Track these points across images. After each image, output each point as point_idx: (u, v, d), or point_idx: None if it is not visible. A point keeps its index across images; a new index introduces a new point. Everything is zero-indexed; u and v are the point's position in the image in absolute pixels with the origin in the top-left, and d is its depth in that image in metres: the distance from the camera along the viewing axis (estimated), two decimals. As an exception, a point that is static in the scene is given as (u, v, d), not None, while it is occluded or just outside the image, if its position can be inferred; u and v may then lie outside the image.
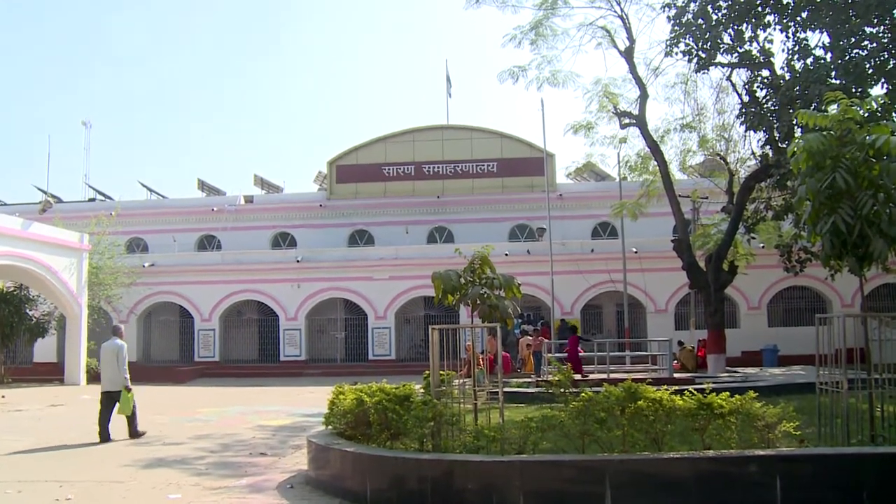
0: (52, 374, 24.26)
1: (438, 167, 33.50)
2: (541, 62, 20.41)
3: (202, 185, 37.77)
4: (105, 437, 10.86)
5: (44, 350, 26.32)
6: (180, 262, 29.06)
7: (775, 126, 16.03)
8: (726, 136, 21.42)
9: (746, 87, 17.74)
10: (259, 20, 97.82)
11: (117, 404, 11.03)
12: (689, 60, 17.17)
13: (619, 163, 23.39)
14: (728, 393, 6.59)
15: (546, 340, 19.67)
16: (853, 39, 14.79)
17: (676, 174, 23.31)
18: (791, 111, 14.36)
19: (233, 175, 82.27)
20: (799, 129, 14.39)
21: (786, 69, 16.25)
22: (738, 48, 16.71)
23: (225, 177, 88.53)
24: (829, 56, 15.32)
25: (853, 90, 13.45)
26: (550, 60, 20.43)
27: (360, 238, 33.23)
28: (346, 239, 33.04)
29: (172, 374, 25.47)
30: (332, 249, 29.95)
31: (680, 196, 20.86)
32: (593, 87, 20.98)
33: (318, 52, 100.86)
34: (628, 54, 19.71)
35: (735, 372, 18.59)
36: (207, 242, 33.85)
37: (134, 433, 11.23)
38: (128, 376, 11.16)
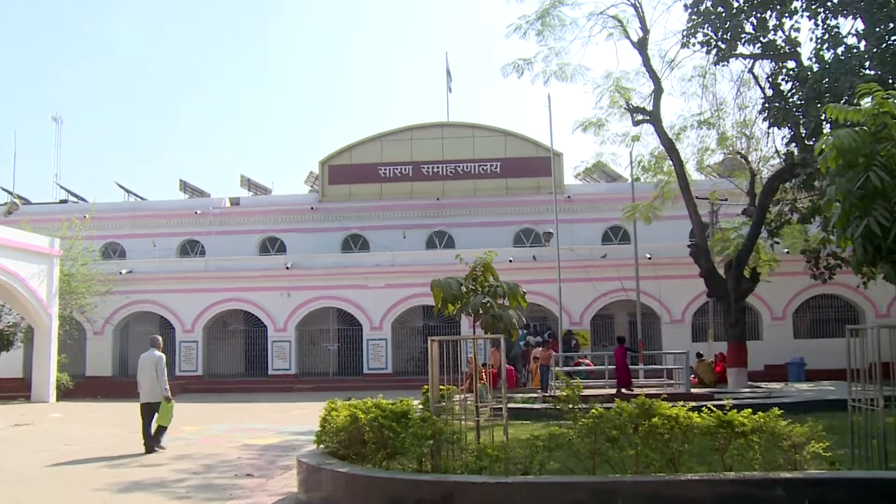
0: (18, 390, 24.02)
1: (438, 167, 33.53)
2: (548, 54, 20.42)
3: (184, 187, 37.82)
4: (150, 447, 11.70)
5: (9, 364, 26.07)
6: (160, 269, 29.04)
7: (801, 122, 15.93)
8: (748, 133, 21.39)
9: (770, 79, 17.67)
10: (245, 10, 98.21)
11: (156, 414, 11.88)
12: (708, 52, 17.11)
13: (631, 162, 23.40)
14: (750, 410, 6.53)
15: (554, 353, 19.62)
16: (891, 25, 14.46)
17: (693, 174, 23.28)
18: (819, 105, 14.27)
19: (217, 176, 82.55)
20: (828, 125, 14.34)
21: (814, 59, 16.14)
22: (762, 37, 16.62)
23: (209, 177, 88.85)
24: (862, 44, 15.12)
25: (889, 81, 13.23)
26: (558, 53, 20.43)
27: (355, 243, 33.22)
28: (340, 244, 33.04)
29: (152, 389, 25.35)
30: (324, 255, 29.96)
31: (697, 198, 20.84)
32: (604, 81, 20.98)
33: (309, 44, 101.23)
34: (641, 46, 19.71)
35: (758, 387, 18.53)
36: (190, 248, 33.85)
37: (153, 444, 11.82)
38: (167, 387, 12.05)
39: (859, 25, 15.69)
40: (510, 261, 26.56)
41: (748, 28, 16.70)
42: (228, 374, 28.74)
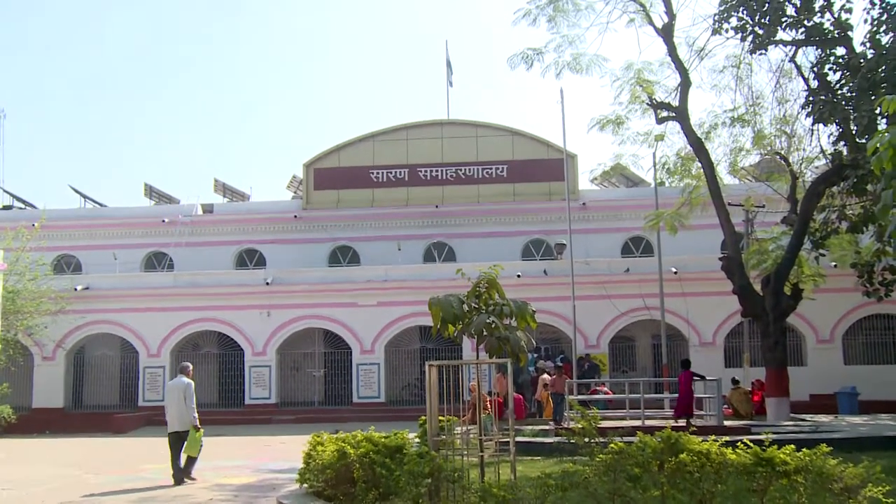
0: (-48, 424, 23.82)
1: (437, 171, 33.60)
2: (560, 43, 20.49)
3: (150, 192, 37.80)
4: (179, 479, 12.46)
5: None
6: (122, 285, 29.03)
7: (852, 117, 15.87)
8: (788, 130, 21.41)
9: (815, 69, 17.62)
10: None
11: (185, 443, 12.68)
12: (743, 38, 17.13)
13: (654, 165, 23.43)
14: (793, 446, 6.48)
15: (568, 380, 19.57)
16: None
17: (725, 178, 23.33)
18: (873, 98, 14.23)
19: (188, 180, 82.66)
20: (883, 120, 14.30)
21: (868, 45, 16.10)
22: (806, 21, 16.56)
23: (178, 182, 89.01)
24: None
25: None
26: (572, 41, 20.51)
27: (343, 256, 33.23)
28: (326, 257, 33.06)
29: (110, 422, 25.28)
30: (308, 270, 29.97)
31: (730, 204, 20.85)
32: (624, 73, 21.04)
33: (290, 33, 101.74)
34: (667, 32, 19.76)
35: (802, 420, 18.45)
36: (156, 261, 33.87)
37: (183, 475, 12.57)
38: (196, 415, 12.87)
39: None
40: (518, 276, 26.58)
41: (790, 10, 16.64)
42: (199, 404, 27.88)
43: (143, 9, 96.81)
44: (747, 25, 16.71)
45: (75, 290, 28.04)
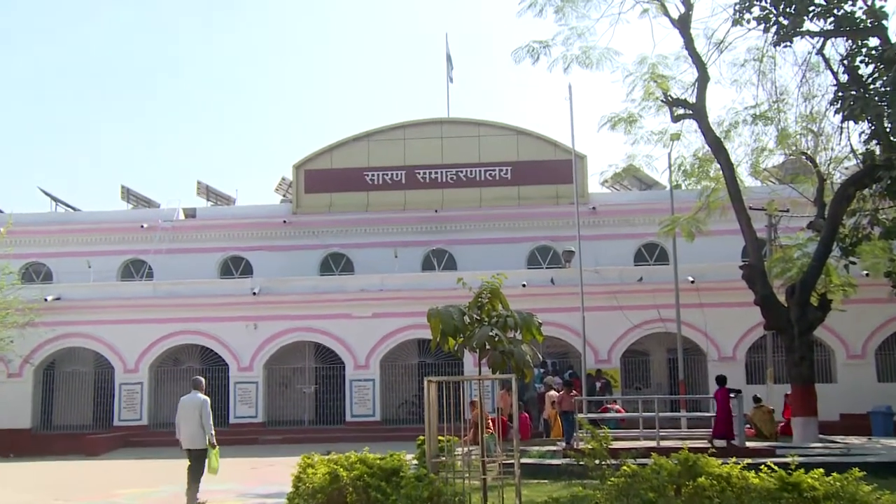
0: None
1: (436, 172, 33.63)
2: (569, 36, 20.48)
3: (127, 195, 37.79)
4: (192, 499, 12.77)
5: None
6: (96, 295, 28.92)
7: (885, 114, 15.81)
8: (815, 128, 21.38)
9: (845, 62, 17.53)
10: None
11: (197, 462, 13.04)
12: (766, 30, 17.08)
13: (670, 166, 23.42)
14: (822, 470, 6.44)
15: (578, 396, 19.55)
16: None
17: (746, 180, 23.30)
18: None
19: (168, 182, 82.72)
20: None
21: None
22: (835, 10, 16.50)
23: (158, 184, 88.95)
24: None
25: None
26: (581, 34, 20.49)
27: (336, 264, 33.23)
28: (318, 265, 33.07)
29: (82, 443, 25.15)
30: (298, 279, 29.93)
31: (751, 209, 20.80)
32: (637, 68, 21.01)
33: (280, 25, 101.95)
34: (683, 24, 19.76)
35: (832, 441, 18.37)
36: (134, 269, 33.85)
37: (196, 495, 12.88)
38: (213, 432, 13.13)
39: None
40: (523, 285, 26.59)
41: (818, -1, 16.56)
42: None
43: (117, 2, 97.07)
44: (771, 15, 16.63)
45: (45, 300, 27.93)
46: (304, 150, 47.19)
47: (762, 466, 6.62)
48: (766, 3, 16.60)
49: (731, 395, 17.62)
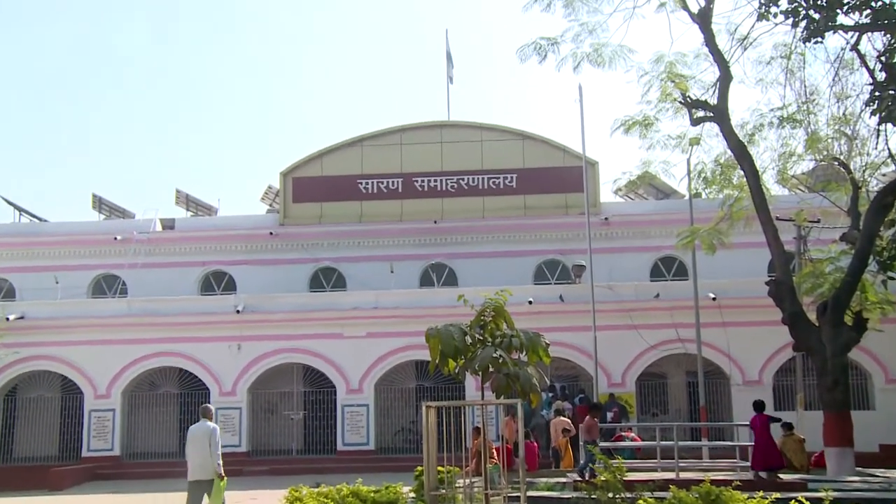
0: None
1: (436, 180, 33.69)
2: (579, 32, 20.49)
3: (99, 204, 37.80)
4: None
5: None
6: (64, 314, 28.82)
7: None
8: (849, 131, 21.38)
9: (883, 58, 17.43)
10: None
11: (205, 495, 13.25)
12: (795, 24, 17.06)
13: (689, 173, 23.43)
14: (858, 504, 6.38)
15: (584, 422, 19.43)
16: None
17: (773, 188, 23.28)
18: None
19: (144, 190, 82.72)
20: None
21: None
22: (872, 2, 16.50)
23: (133, 193, 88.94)
24: None
25: None
26: (593, 30, 20.50)
27: (327, 279, 33.25)
28: (307, 280, 33.08)
29: (47, 476, 24.90)
30: (286, 295, 29.91)
31: (778, 219, 20.77)
32: (653, 66, 21.02)
33: (265, 22, 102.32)
34: (703, 19, 19.79)
35: (870, 475, 18.25)
36: (107, 285, 33.85)
37: None
38: (221, 462, 13.41)
39: None
40: (530, 302, 26.60)
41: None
42: (156, 454, 28.42)
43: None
44: (800, 9, 16.57)
45: (7, 319, 27.83)
46: (293, 156, 47.27)
47: (792, 501, 6.57)
48: (795, -6, 16.57)
49: (772, 421, 17.53)
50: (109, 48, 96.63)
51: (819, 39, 17.34)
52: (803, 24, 16.70)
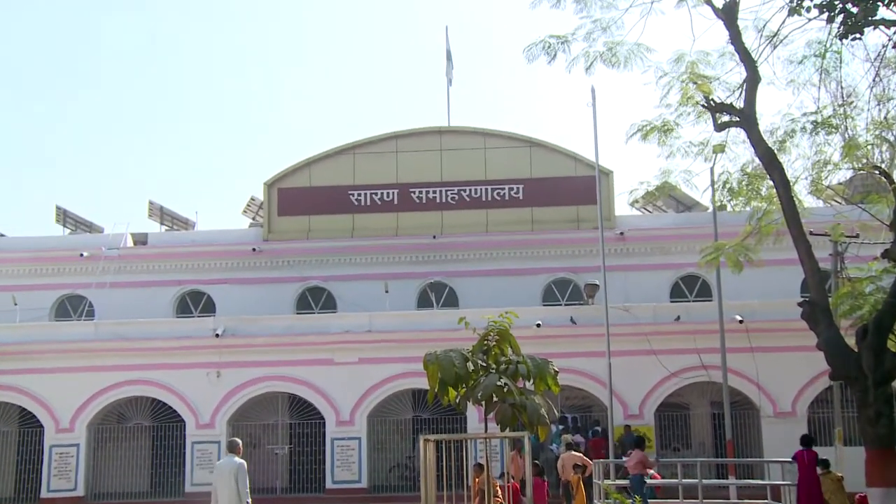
0: None
1: (435, 192, 33.74)
2: (592, 29, 20.48)
3: (63, 217, 37.77)
4: None
5: None
6: (24, 338, 28.78)
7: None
8: (891, 137, 21.35)
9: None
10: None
11: None
12: (830, 20, 17.08)
13: (713, 184, 23.45)
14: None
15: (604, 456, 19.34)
16: None
17: (806, 199, 23.21)
18: None
19: (114, 202, 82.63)
20: None
21: None
22: (918, -7, 16.53)
23: (101, 204, 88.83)
24: None
25: None
26: (607, 27, 20.50)
27: (315, 300, 33.25)
28: (293, 301, 33.11)
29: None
30: (270, 318, 29.90)
31: (812, 234, 20.70)
32: (673, 67, 21.00)
33: (246, 19, 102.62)
34: (729, 14, 19.77)
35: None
36: (72, 306, 33.83)
37: None
38: (249, 500, 14.07)
39: None
40: (538, 325, 26.59)
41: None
42: (126, 494, 28.45)
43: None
44: (836, 2, 16.63)
45: (-41, 345, 27.98)
46: (278, 165, 47.21)
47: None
48: (830, -14, 16.61)
49: (820, 468, 17.47)
50: (74, 49, 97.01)
51: (857, 36, 17.38)
52: (840, 18, 16.73)
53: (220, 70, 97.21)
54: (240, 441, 15.02)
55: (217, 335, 28.10)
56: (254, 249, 33.45)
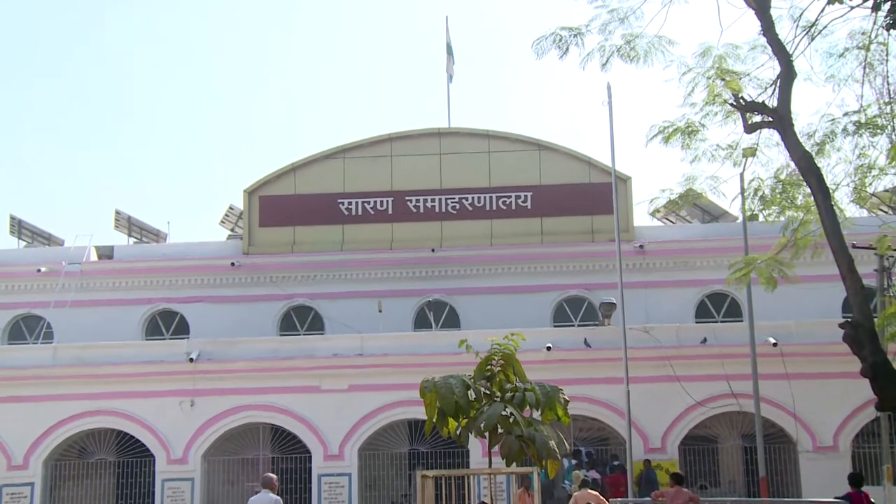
0: None
1: (434, 200, 33.79)
2: (608, 21, 20.56)
3: (18, 228, 37.78)
4: None
5: None
6: (-28, 364, 28.84)
7: None
8: (942, 139, 21.37)
9: None
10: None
11: None
12: (876, 7, 17.12)
13: (742, 191, 23.43)
14: None
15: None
16: None
17: (847, 209, 23.26)
18: None
19: (76, 211, 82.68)
20: None
21: None
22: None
23: (61, 214, 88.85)
24: None
25: None
26: (624, 18, 20.58)
27: (301, 320, 33.28)
28: (276, 321, 33.12)
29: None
30: (250, 340, 29.90)
31: (854, 247, 20.71)
32: (698, 61, 21.11)
33: (224, 8, 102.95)
34: (761, 2, 19.82)
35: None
36: (27, 328, 33.76)
37: None
38: None
39: None
40: (547, 348, 26.63)
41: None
42: None
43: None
44: (882, -12, 16.68)
45: None
46: (259, 171, 47.22)
47: None
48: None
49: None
50: (32, 43, 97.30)
51: (904, 25, 17.41)
52: (886, 7, 16.75)
53: (195, 66, 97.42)
54: (275, 477, 15.07)
55: (191, 360, 28.06)
56: (232, 264, 33.41)
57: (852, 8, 17.78)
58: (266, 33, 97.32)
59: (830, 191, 20.60)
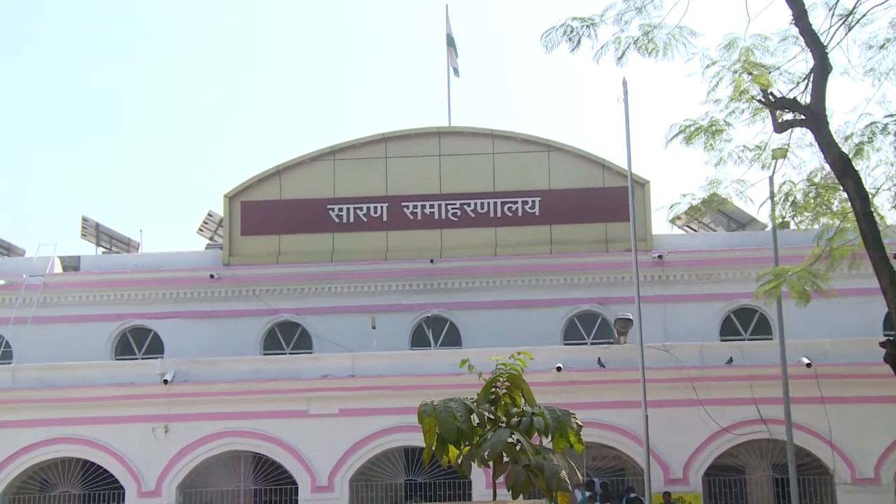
0: None
1: (433, 206, 33.85)
2: (624, 11, 20.63)
3: (-27, 238, 37.95)
4: None
5: None
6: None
7: None
8: None
9: None
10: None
11: None
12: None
13: (772, 196, 23.45)
14: None
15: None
16: None
17: (889, 216, 23.29)
18: None
19: (38, 218, 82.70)
20: None
21: None
22: None
23: (22, 221, 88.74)
24: None
25: None
26: (642, 7, 20.64)
27: (286, 337, 33.30)
28: (260, 339, 33.14)
29: None
30: (230, 360, 29.93)
31: (896, 258, 20.76)
32: (723, 54, 21.18)
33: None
34: (792, -10, 19.89)
35: None
36: (-16, 347, 33.80)
37: None
38: None
39: None
40: (558, 368, 26.56)
41: None
42: None
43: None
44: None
45: None
46: (241, 174, 47.20)
47: None
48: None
49: None
50: None
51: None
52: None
53: (169, 61, 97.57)
54: None
55: (165, 381, 27.98)
56: (211, 276, 33.41)
57: (893, -4, 17.83)
58: (248, 24, 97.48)
59: (869, 196, 20.64)
